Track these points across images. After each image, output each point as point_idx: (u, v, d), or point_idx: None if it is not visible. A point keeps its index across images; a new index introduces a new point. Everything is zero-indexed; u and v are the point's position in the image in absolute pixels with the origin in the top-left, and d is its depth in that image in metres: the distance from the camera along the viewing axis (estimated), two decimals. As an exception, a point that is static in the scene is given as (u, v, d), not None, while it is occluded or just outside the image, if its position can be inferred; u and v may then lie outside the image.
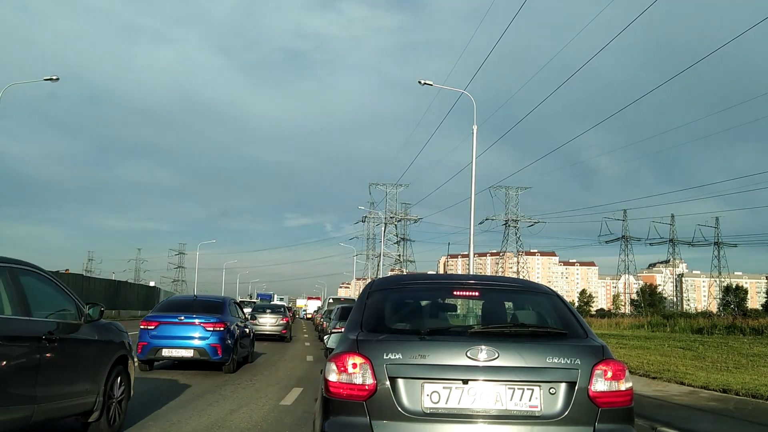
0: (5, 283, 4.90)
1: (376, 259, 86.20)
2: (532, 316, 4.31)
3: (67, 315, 5.63)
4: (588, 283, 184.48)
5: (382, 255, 71.58)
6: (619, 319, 55.21)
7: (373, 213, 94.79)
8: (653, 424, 7.14)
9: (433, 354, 3.34)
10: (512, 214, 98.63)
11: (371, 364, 3.32)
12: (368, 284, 4.49)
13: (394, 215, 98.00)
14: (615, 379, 3.40)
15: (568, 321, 3.85)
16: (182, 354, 11.76)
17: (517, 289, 4.50)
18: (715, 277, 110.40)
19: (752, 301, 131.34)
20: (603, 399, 3.35)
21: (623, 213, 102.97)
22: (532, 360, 3.35)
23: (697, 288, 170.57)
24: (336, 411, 3.34)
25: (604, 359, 3.44)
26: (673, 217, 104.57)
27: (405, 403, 3.27)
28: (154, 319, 11.96)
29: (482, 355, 3.32)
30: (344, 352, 3.42)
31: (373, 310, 3.93)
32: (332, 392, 3.36)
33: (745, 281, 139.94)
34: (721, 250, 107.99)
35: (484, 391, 3.30)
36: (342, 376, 3.34)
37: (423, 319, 4.25)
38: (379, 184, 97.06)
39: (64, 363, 5.30)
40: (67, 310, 5.66)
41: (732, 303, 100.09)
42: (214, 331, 11.78)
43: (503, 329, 3.64)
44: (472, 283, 4.62)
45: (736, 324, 34.58)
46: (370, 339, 3.50)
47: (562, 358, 3.37)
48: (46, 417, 5.05)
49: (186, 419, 7.16)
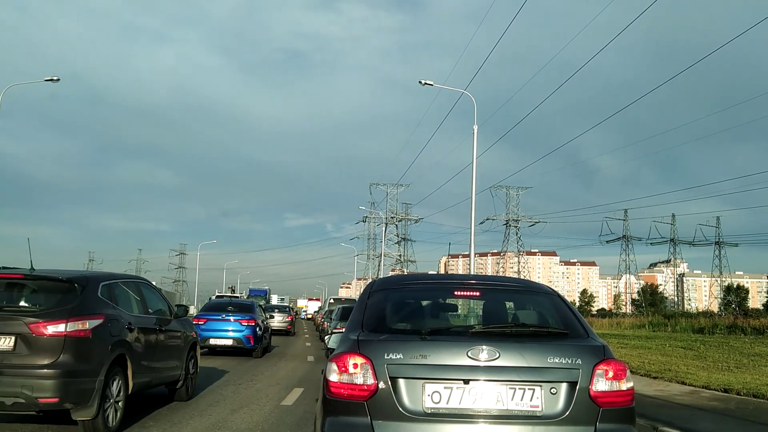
0: (135, 292, 7.31)
1: (377, 260, 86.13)
2: (533, 316, 4.31)
3: (165, 312, 7.92)
4: (589, 282, 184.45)
5: (382, 255, 71.61)
6: (620, 319, 55.23)
7: (373, 213, 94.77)
8: (654, 424, 7.14)
9: (434, 354, 3.34)
10: (513, 214, 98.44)
11: (372, 364, 3.32)
12: (369, 284, 4.48)
13: (394, 215, 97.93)
14: (616, 378, 3.39)
15: (569, 321, 3.84)
16: (224, 342, 15.86)
17: (518, 289, 4.49)
18: (716, 277, 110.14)
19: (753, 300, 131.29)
20: (604, 399, 3.34)
21: (624, 213, 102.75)
22: (533, 360, 3.35)
23: (698, 288, 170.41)
24: (337, 411, 3.34)
25: (606, 359, 3.44)
26: (674, 216, 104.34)
27: (406, 403, 3.27)
28: (203, 317, 16.28)
29: (483, 355, 3.32)
30: (345, 352, 3.41)
31: (373, 310, 3.93)
32: (333, 392, 3.36)
33: (746, 281, 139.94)
34: (722, 250, 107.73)
35: (485, 391, 3.30)
36: (343, 376, 3.34)
37: (424, 319, 4.25)
38: (379, 184, 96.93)
39: (166, 346, 7.65)
40: (163, 309, 7.91)
41: (733, 303, 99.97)
42: (247, 326, 15.93)
43: (504, 329, 3.63)
44: (472, 283, 4.62)
45: (737, 324, 34.60)
46: (371, 339, 3.50)
47: (563, 358, 3.36)
48: (158, 383, 7.51)
49: (187, 419, 7.17)
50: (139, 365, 6.64)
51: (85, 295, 6.00)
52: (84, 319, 5.72)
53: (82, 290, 6.01)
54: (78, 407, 5.58)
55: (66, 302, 5.85)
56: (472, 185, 23.86)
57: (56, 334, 5.50)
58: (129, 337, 6.47)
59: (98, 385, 5.70)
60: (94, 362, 5.76)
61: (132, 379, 6.49)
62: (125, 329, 6.42)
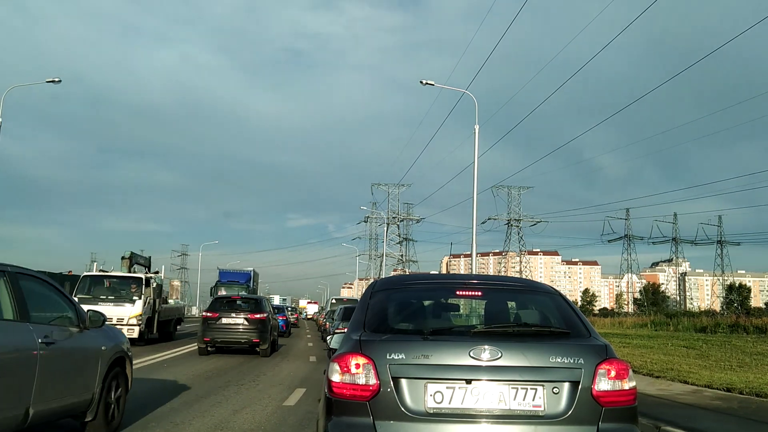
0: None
1: (379, 260, 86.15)
2: (535, 315, 4.30)
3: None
4: (591, 282, 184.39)
5: (384, 255, 71.45)
6: (622, 318, 55.17)
7: (375, 213, 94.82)
8: (657, 423, 7.13)
9: (437, 354, 3.33)
10: (515, 213, 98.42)
11: (374, 365, 3.31)
12: (371, 284, 4.47)
13: (396, 215, 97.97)
14: (618, 378, 3.39)
15: (571, 320, 3.83)
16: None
17: (520, 289, 4.49)
18: (718, 276, 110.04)
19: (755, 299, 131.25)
20: (606, 398, 3.34)
21: (626, 212, 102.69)
22: (535, 360, 3.34)
23: (700, 287, 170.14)
24: (339, 411, 3.34)
25: (608, 358, 3.43)
26: (676, 215, 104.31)
27: (408, 404, 3.27)
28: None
29: (485, 354, 3.32)
30: (347, 353, 3.41)
31: (375, 310, 3.92)
32: (335, 393, 3.35)
33: (749, 279, 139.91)
34: (724, 249, 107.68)
35: (487, 391, 3.29)
36: (345, 376, 3.34)
37: (426, 319, 4.24)
38: (381, 184, 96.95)
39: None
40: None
41: (735, 301, 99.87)
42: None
43: (506, 329, 3.62)
44: (474, 282, 4.60)
45: (739, 322, 34.53)
46: (373, 339, 3.49)
47: (566, 358, 3.36)
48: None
49: (189, 420, 7.17)
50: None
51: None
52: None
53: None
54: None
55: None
56: (473, 185, 23.88)
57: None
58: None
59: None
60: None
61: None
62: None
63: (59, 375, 5.43)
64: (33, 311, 5.24)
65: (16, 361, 4.87)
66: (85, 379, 5.88)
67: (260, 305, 17.69)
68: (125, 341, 6.83)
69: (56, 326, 5.59)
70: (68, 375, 5.61)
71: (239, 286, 37.13)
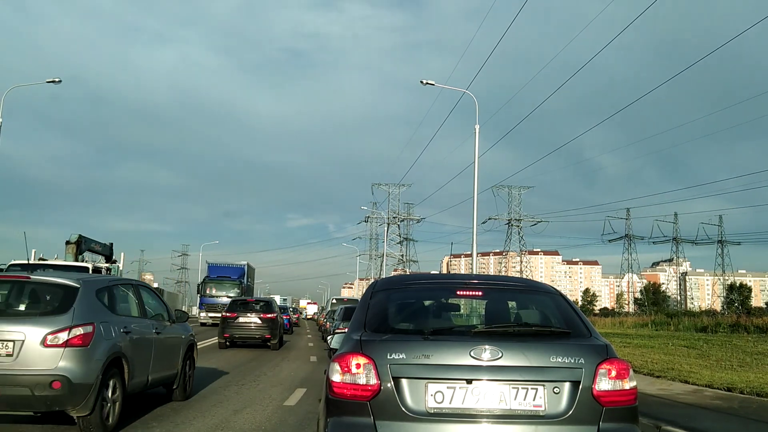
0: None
1: (379, 260, 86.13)
2: (536, 315, 4.30)
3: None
4: (591, 282, 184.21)
5: (385, 255, 71.37)
6: (623, 318, 55.18)
7: (375, 213, 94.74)
8: (658, 423, 7.13)
9: (437, 354, 3.33)
10: (515, 213, 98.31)
11: (375, 365, 3.31)
12: (371, 284, 4.47)
13: (396, 215, 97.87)
14: (619, 378, 3.39)
15: (571, 320, 3.83)
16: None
17: (521, 289, 4.49)
18: (718, 276, 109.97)
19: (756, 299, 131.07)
20: (607, 398, 3.34)
21: (626, 212, 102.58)
22: (535, 359, 3.34)
23: (701, 286, 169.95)
24: (340, 411, 3.34)
25: (608, 358, 3.43)
26: (677, 215, 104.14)
27: (409, 403, 3.27)
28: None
29: (486, 354, 3.32)
30: (348, 353, 3.41)
31: (376, 310, 3.92)
32: (336, 392, 3.36)
33: (749, 279, 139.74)
34: (724, 248, 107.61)
35: (488, 391, 3.29)
36: (346, 376, 3.34)
37: (426, 319, 4.24)
38: (381, 184, 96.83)
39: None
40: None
41: (736, 301, 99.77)
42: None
43: (507, 329, 3.62)
44: (475, 282, 4.60)
45: (740, 322, 34.54)
46: (373, 339, 3.49)
47: (566, 358, 3.36)
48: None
49: (190, 420, 7.17)
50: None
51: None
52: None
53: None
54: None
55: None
56: (474, 185, 23.89)
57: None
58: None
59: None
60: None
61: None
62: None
63: (162, 355, 7.74)
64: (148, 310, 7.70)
65: (144, 343, 7.22)
66: (174, 358, 8.27)
67: (270, 306, 20.64)
68: (192, 332, 9.15)
69: (158, 321, 7.88)
70: (166, 355, 7.96)
71: (231, 282, 33.39)
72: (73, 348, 5.82)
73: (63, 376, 5.67)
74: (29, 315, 6.17)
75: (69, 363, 5.75)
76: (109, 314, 6.56)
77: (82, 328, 5.94)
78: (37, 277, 6.50)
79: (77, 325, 5.93)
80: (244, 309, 19.76)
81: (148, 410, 7.63)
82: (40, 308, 6.32)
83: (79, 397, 5.78)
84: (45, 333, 5.75)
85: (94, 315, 6.24)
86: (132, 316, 7.24)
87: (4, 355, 5.68)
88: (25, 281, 6.48)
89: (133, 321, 7.11)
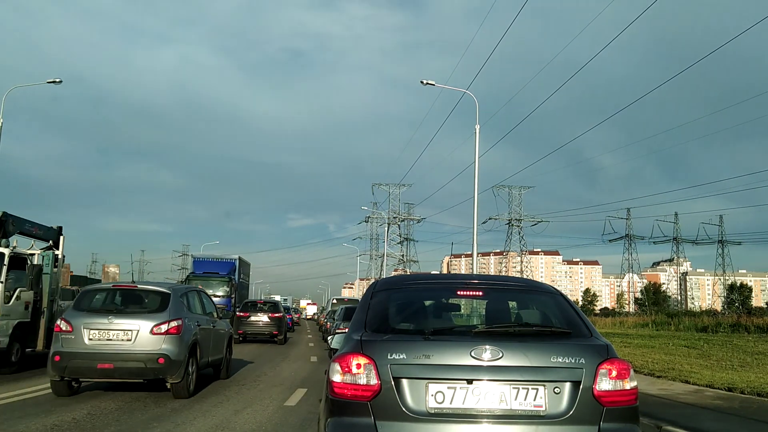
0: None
1: (380, 260, 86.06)
2: (536, 315, 4.29)
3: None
4: (592, 282, 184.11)
5: (385, 255, 71.30)
6: (623, 318, 55.14)
7: (376, 213, 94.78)
8: (658, 423, 7.12)
9: (438, 354, 3.33)
10: (515, 213, 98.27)
11: (375, 365, 3.31)
12: (372, 284, 4.47)
13: (397, 215, 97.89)
14: (620, 378, 3.38)
15: (572, 320, 3.83)
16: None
17: (521, 289, 4.48)
18: (719, 275, 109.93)
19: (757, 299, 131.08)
20: (608, 398, 3.33)
21: (627, 211, 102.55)
22: (536, 359, 3.34)
23: (702, 286, 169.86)
24: (340, 411, 3.34)
25: (609, 358, 3.43)
26: (677, 215, 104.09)
27: (409, 404, 3.26)
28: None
29: (486, 354, 3.31)
30: (348, 353, 3.41)
31: (376, 310, 3.92)
32: (336, 393, 3.35)
33: (750, 279, 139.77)
34: (725, 248, 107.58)
35: (488, 391, 3.29)
36: (346, 376, 3.33)
37: (427, 319, 4.23)
38: (382, 184, 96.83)
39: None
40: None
41: (736, 301, 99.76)
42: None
43: (507, 329, 3.61)
44: (475, 282, 4.60)
45: (740, 322, 34.57)
46: (374, 339, 3.49)
47: (567, 358, 3.35)
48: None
49: (190, 420, 7.17)
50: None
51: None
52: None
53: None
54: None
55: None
56: (474, 185, 23.88)
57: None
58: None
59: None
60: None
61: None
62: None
63: (216, 343, 10.47)
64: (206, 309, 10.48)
65: (207, 334, 9.90)
66: (222, 346, 10.95)
67: (277, 307, 24.59)
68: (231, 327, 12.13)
69: (211, 317, 10.44)
70: (218, 343, 10.65)
71: (218, 279, 28.05)
72: (170, 335, 8.46)
73: (165, 355, 8.27)
74: (140, 312, 8.74)
75: (168, 345, 8.38)
76: (188, 312, 9.27)
77: (175, 321, 8.59)
78: (141, 285, 9.32)
79: (172, 319, 8.57)
80: (255, 309, 23.69)
81: (148, 410, 7.63)
82: (147, 308, 8.87)
83: (174, 369, 8.37)
84: (152, 325, 8.38)
85: (182, 312, 8.91)
86: (198, 313, 9.89)
87: (126, 340, 8.29)
88: (133, 289, 9.21)
89: (200, 317, 9.85)
